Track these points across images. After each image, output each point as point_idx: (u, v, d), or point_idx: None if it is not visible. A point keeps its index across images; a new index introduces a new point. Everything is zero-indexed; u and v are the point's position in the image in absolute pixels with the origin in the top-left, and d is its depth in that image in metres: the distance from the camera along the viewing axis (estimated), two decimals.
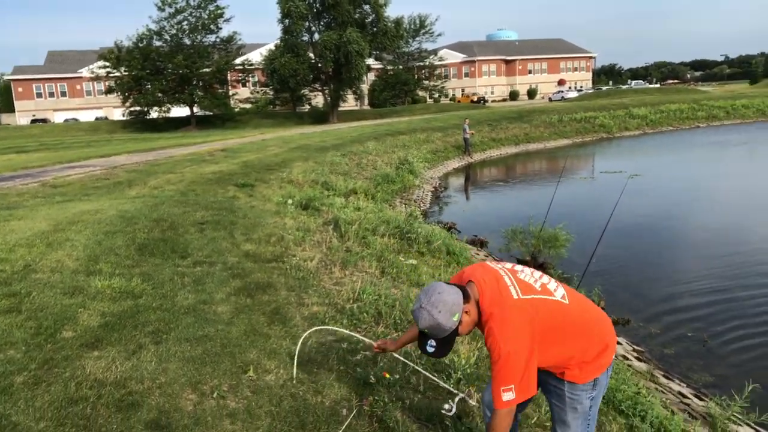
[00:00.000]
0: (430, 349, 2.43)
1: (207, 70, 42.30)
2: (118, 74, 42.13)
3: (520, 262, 10.08)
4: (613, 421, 4.13)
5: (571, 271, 9.22)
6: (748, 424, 4.88)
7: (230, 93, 48.22)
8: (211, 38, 43.23)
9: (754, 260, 9.83)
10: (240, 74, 47.86)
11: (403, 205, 14.72)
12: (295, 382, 3.66)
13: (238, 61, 44.22)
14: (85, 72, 55.38)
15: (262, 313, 4.77)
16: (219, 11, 41.82)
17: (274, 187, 11.97)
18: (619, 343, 6.64)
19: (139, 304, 4.59)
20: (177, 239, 6.70)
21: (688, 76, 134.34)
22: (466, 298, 2.37)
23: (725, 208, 14.77)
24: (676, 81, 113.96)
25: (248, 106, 50.41)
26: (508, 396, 2.27)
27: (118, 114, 51.03)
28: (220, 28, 42.81)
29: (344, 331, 4.28)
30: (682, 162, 24.02)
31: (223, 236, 7.16)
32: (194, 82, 43.03)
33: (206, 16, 41.65)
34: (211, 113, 45.81)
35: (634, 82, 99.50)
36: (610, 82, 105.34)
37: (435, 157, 25.42)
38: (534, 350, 2.31)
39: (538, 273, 2.56)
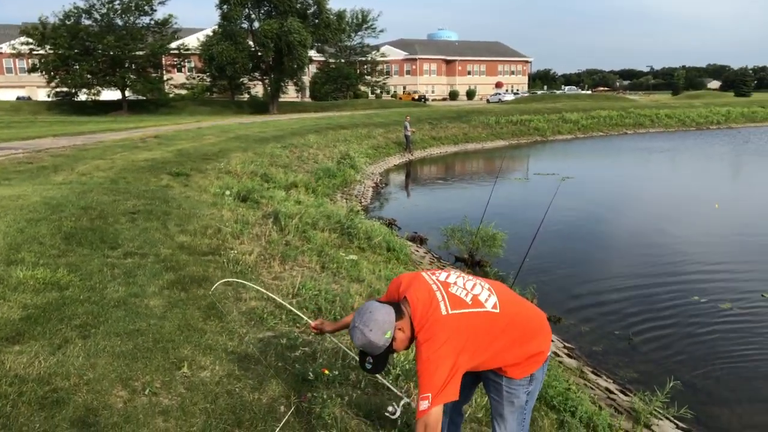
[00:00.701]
0: (368, 366, 2.54)
1: (140, 53, 40.50)
2: (42, 52, 39.64)
3: (458, 260, 10.28)
4: (545, 416, 4.26)
5: (506, 269, 9.47)
6: (668, 418, 5.17)
7: (165, 78, 46.38)
8: (145, 20, 41.39)
9: (676, 260, 10.44)
10: (175, 59, 46.10)
11: (344, 200, 14.66)
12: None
13: (173, 45, 42.56)
14: (5, 47, 51.78)
15: (197, 308, 4.61)
16: None
17: (210, 177, 11.62)
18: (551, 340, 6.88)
19: (65, 296, 4.33)
20: (106, 229, 6.38)
21: (617, 84, 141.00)
22: (400, 315, 2.45)
23: (650, 211, 15.62)
24: (606, 88, 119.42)
25: (184, 92, 48.69)
26: (423, 405, 2.33)
27: (42, 94, 48.00)
28: (155, 10, 41.04)
29: (257, 287, 4.19)
30: (611, 166, 25.19)
31: (156, 227, 6.88)
32: (126, 65, 41.10)
33: None
34: (144, 98, 43.90)
35: (567, 87, 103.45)
36: (545, 87, 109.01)
37: (376, 152, 25.47)
38: (458, 364, 2.38)
39: (471, 283, 2.60)
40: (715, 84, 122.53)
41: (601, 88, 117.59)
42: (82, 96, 41.80)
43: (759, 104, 55.43)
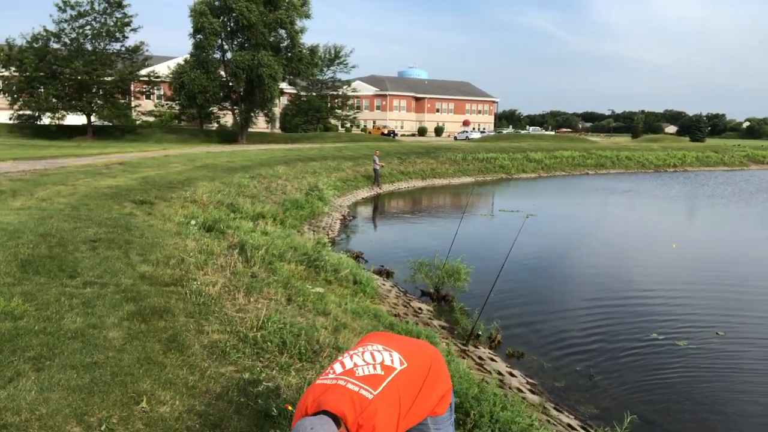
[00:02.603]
0: None
1: (109, 78, 40.06)
2: (6, 74, 38.84)
3: (424, 294, 10.31)
4: None
5: (471, 304, 9.54)
6: None
7: (133, 104, 45.86)
8: (116, 46, 41.07)
9: (636, 298, 10.70)
10: (145, 86, 45.74)
11: (312, 232, 14.61)
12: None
13: (143, 72, 42.31)
14: None
15: (158, 340, 4.51)
16: (126, 19, 39.90)
17: (175, 206, 11.46)
18: (514, 375, 6.92)
19: (19, 327, 4.19)
20: (66, 257, 6.21)
21: (580, 126, 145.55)
22: (338, 425, 2.24)
23: (611, 249, 16.02)
24: (569, 129, 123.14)
25: (152, 119, 48.15)
26: None
27: (3, 117, 46.87)
28: (127, 37, 40.77)
29: None
30: (573, 205, 25.83)
31: (117, 256, 6.74)
32: (94, 90, 40.56)
33: (112, 23, 39.63)
34: (111, 124, 43.23)
35: (532, 128, 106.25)
36: (511, 127, 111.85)
37: (345, 185, 25.57)
38: (399, 429, 2.35)
39: (368, 354, 2.50)
40: (672, 129, 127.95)
41: (565, 130, 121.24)
42: (46, 120, 40.92)
43: (712, 149, 58.07)
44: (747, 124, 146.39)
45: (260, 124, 51.33)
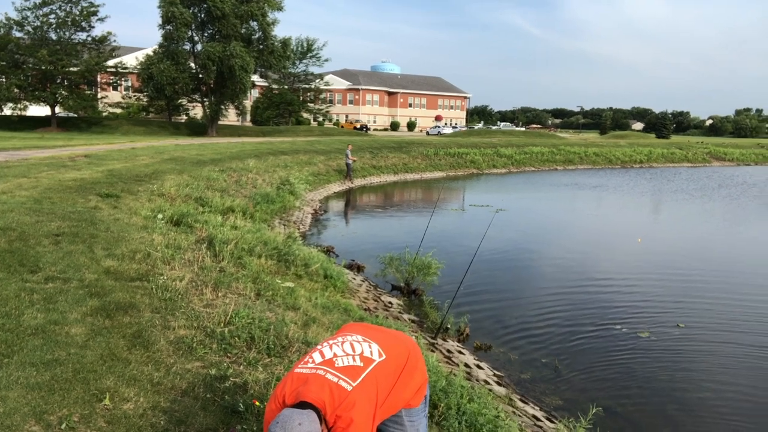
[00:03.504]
0: None
1: (74, 69, 39.01)
2: None
3: (394, 288, 10.36)
4: None
5: (441, 298, 9.63)
6: None
7: (99, 95, 44.79)
8: (82, 36, 40.01)
9: (601, 291, 10.94)
10: (112, 77, 44.72)
11: (283, 226, 14.52)
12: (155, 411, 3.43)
13: (110, 62, 41.33)
14: None
15: (122, 336, 4.44)
16: (93, 9, 38.86)
17: (142, 199, 11.25)
18: (481, 368, 7.02)
19: None
20: (26, 251, 6.05)
21: (549, 122, 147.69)
22: (319, 416, 2.23)
23: (578, 244, 16.33)
24: (538, 126, 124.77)
25: (119, 111, 47.14)
26: None
27: None
28: (93, 27, 39.76)
29: None
30: (542, 200, 26.22)
31: (81, 250, 6.60)
32: (59, 81, 39.45)
33: (77, 12, 38.56)
34: (76, 115, 42.17)
35: (502, 123, 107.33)
36: (482, 122, 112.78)
37: (317, 179, 25.45)
38: (374, 424, 2.35)
39: (348, 345, 2.50)
40: (639, 125, 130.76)
41: (534, 126, 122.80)
42: (7, 110, 39.69)
43: (677, 146, 59.55)
44: (710, 121, 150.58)
45: (231, 117, 50.70)
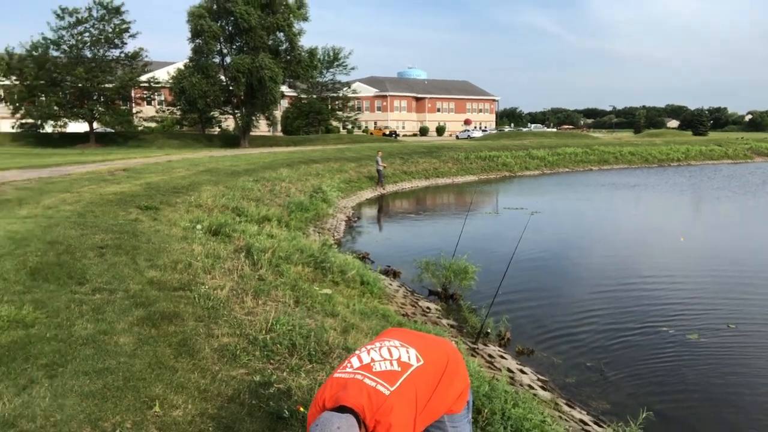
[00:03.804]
0: None
1: (109, 85, 40.18)
2: (8, 83, 39.00)
3: (431, 293, 10.29)
4: None
5: (479, 302, 9.52)
6: None
7: (134, 110, 46.00)
8: (115, 52, 41.22)
9: (644, 292, 10.65)
10: (145, 92, 45.88)
11: (317, 234, 14.61)
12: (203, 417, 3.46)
13: (143, 78, 42.43)
14: None
15: (168, 345, 4.51)
16: (124, 26, 40.00)
17: (180, 211, 11.48)
18: (524, 372, 6.90)
19: (31, 334, 4.19)
20: (74, 264, 6.22)
21: (582, 122, 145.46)
22: (358, 420, 2.23)
23: (618, 244, 15.96)
24: (570, 126, 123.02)
25: (153, 125, 48.29)
26: None
27: (6, 126, 47.05)
28: (125, 43, 40.90)
29: None
30: (578, 200, 25.75)
31: (125, 262, 6.75)
32: (95, 97, 40.69)
33: (110, 30, 39.74)
34: (113, 130, 43.38)
35: (533, 125, 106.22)
36: (512, 124, 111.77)
37: (348, 186, 25.56)
38: (416, 429, 2.34)
39: (386, 350, 2.50)
40: (673, 123, 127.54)
41: (566, 126, 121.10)
42: (48, 128, 41.07)
43: (715, 143, 57.82)
44: (749, 116, 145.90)
45: (262, 128, 51.39)
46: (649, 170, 42.65)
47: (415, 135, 77.19)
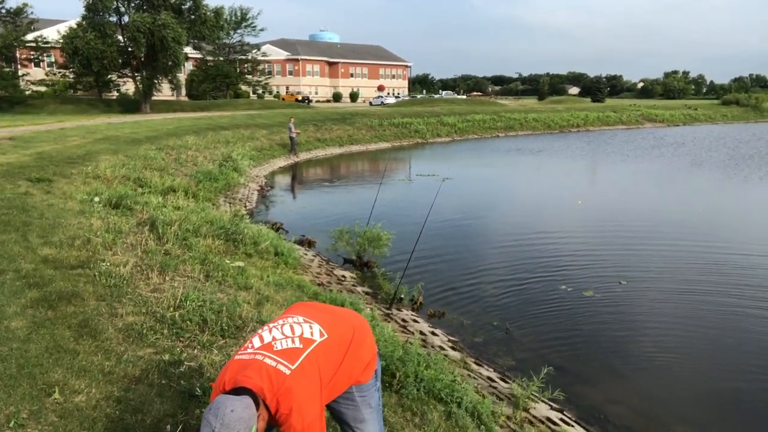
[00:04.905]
0: None
1: None
2: None
3: (346, 261, 10.36)
4: (433, 409, 4.44)
5: (393, 269, 9.72)
6: (543, 401, 5.61)
7: (20, 73, 42.02)
8: None
9: (545, 253, 11.30)
10: (32, 52, 41.94)
11: (228, 205, 14.19)
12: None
13: (29, 36, 38.70)
14: None
15: (67, 327, 4.27)
16: None
17: (77, 183, 10.73)
18: (435, 334, 7.16)
19: None
20: None
21: (490, 89, 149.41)
22: (256, 402, 2.18)
23: (522, 208, 16.78)
24: (479, 93, 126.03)
25: (43, 89, 44.39)
26: None
27: None
28: None
29: None
30: (487, 166, 26.69)
31: (14, 239, 6.26)
32: None
33: None
34: None
35: (444, 92, 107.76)
36: (424, 91, 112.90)
37: (260, 155, 24.92)
38: (322, 407, 2.35)
39: (288, 327, 2.45)
40: (574, 90, 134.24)
41: (475, 93, 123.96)
42: None
43: (611, 109, 61.64)
44: (641, 84, 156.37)
45: (165, 92, 48.61)
46: (551, 136, 44.81)
47: (328, 101, 76.16)
